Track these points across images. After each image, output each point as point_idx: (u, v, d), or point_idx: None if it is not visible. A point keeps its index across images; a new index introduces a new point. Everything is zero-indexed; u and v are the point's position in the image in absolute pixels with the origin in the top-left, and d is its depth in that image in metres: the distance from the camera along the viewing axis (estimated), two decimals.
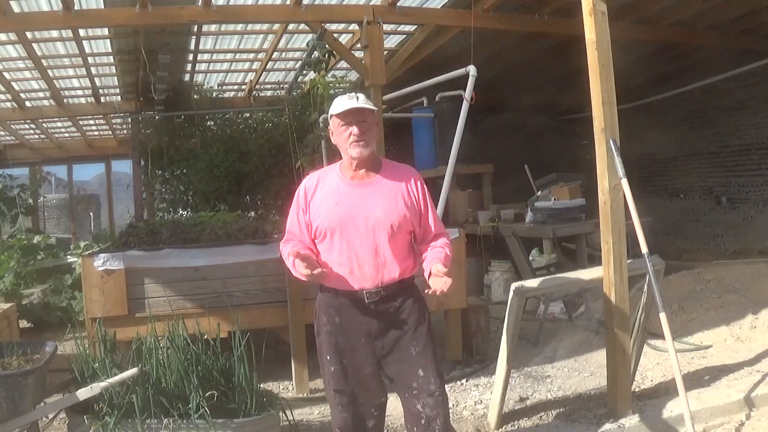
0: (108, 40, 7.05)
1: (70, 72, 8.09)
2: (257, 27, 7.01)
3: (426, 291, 2.48)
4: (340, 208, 2.56)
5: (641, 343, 3.86)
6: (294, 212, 2.69)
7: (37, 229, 12.16)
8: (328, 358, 2.64)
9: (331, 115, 2.61)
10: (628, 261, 3.60)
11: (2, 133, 11.62)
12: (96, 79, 8.50)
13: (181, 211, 9.45)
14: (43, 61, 7.23)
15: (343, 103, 2.57)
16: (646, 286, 3.62)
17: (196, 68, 8.68)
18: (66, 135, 12.83)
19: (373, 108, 2.60)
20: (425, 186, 2.70)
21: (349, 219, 2.55)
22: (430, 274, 2.48)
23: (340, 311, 2.62)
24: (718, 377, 4.05)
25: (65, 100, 9.41)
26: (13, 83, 8.15)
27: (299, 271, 2.48)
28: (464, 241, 4.92)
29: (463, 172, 8.48)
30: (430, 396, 2.56)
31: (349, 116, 2.55)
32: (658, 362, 4.46)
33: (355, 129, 2.53)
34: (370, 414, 2.67)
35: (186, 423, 3.05)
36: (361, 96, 2.60)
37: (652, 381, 4.18)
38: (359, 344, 2.61)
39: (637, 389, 3.98)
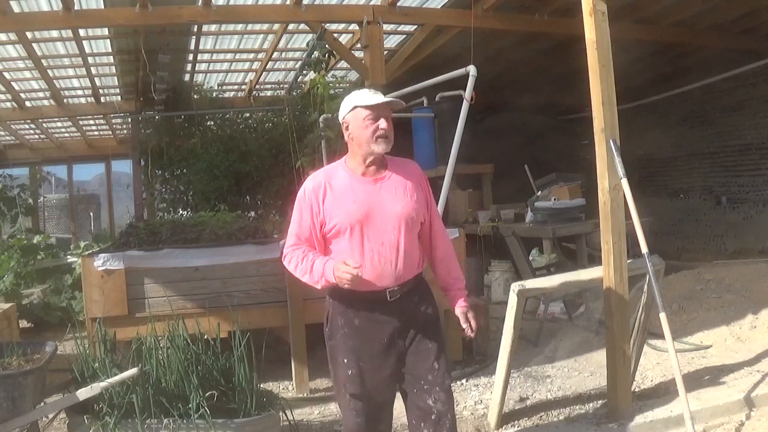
0: (108, 40, 7.06)
1: (70, 72, 8.09)
2: (257, 27, 7.02)
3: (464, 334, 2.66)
4: (358, 207, 2.49)
5: (641, 343, 3.86)
6: (305, 214, 2.56)
7: (37, 229, 12.15)
8: (345, 361, 2.55)
9: (356, 107, 2.52)
10: (628, 261, 3.60)
11: (2, 133, 11.63)
12: (96, 79, 8.51)
13: (181, 211, 9.45)
14: (43, 61, 7.24)
15: (370, 96, 2.51)
16: (646, 286, 3.62)
17: (196, 68, 8.68)
18: (66, 135, 12.84)
19: (401, 102, 2.64)
20: (427, 179, 2.71)
21: (369, 217, 2.49)
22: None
23: (359, 312, 2.55)
24: (718, 377, 4.04)
25: (65, 100, 9.42)
26: (13, 83, 8.16)
27: (342, 276, 2.34)
28: (464, 241, 4.92)
29: (463, 172, 8.48)
30: (443, 390, 2.54)
31: (378, 110, 2.50)
32: (658, 362, 4.46)
33: (382, 122, 2.49)
34: (381, 417, 2.64)
35: (186, 423, 3.05)
36: (379, 92, 2.59)
37: (652, 381, 4.18)
38: (380, 345, 2.54)
39: (637, 389, 3.97)
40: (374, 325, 2.54)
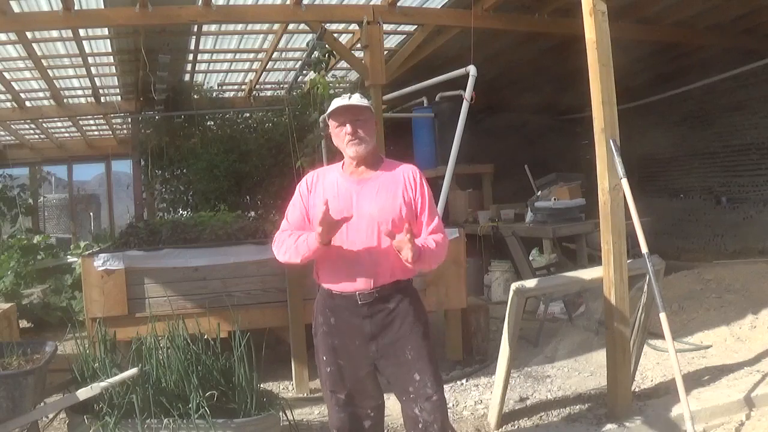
0: (108, 40, 7.05)
1: (70, 72, 8.09)
2: (257, 27, 7.01)
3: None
4: (336, 204, 2.50)
5: (641, 343, 3.86)
6: (296, 208, 2.65)
7: (37, 229, 12.14)
8: (324, 358, 2.62)
9: (328, 117, 2.60)
10: (628, 261, 3.60)
11: (2, 133, 11.62)
12: (96, 79, 8.50)
13: (181, 211, 9.45)
14: (43, 61, 7.23)
15: (336, 103, 2.57)
16: (646, 286, 3.62)
17: (196, 68, 8.68)
18: (66, 135, 12.83)
19: (367, 105, 2.57)
20: (426, 183, 2.63)
21: (343, 215, 2.48)
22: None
23: (335, 312, 2.59)
24: (718, 377, 4.05)
25: (65, 100, 9.42)
26: (13, 83, 8.15)
27: (310, 241, 2.43)
28: (464, 241, 4.91)
29: (463, 172, 8.48)
30: (427, 401, 2.53)
31: (342, 115, 2.54)
32: (658, 362, 4.46)
33: (348, 128, 2.52)
34: (366, 415, 2.64)
35: (186, 423, 3.05)
36: (356, 95, 2.59)
37: (652, 381, 4.18)
38: (354, 346, 2.57)
39: (637, 389, 3.98)
40: (348, 325, 2.57)
